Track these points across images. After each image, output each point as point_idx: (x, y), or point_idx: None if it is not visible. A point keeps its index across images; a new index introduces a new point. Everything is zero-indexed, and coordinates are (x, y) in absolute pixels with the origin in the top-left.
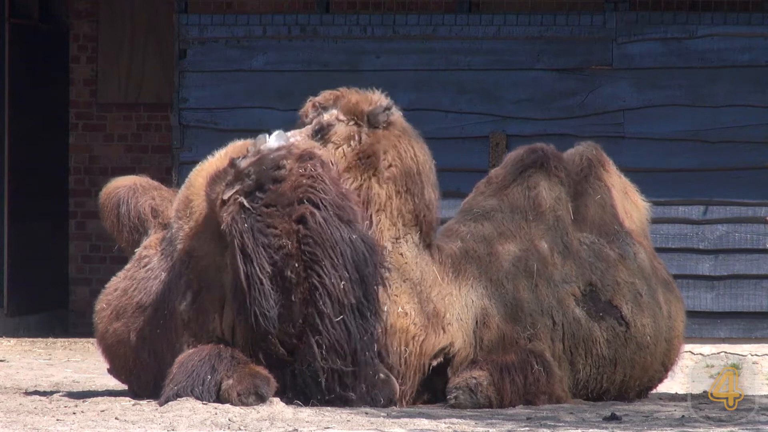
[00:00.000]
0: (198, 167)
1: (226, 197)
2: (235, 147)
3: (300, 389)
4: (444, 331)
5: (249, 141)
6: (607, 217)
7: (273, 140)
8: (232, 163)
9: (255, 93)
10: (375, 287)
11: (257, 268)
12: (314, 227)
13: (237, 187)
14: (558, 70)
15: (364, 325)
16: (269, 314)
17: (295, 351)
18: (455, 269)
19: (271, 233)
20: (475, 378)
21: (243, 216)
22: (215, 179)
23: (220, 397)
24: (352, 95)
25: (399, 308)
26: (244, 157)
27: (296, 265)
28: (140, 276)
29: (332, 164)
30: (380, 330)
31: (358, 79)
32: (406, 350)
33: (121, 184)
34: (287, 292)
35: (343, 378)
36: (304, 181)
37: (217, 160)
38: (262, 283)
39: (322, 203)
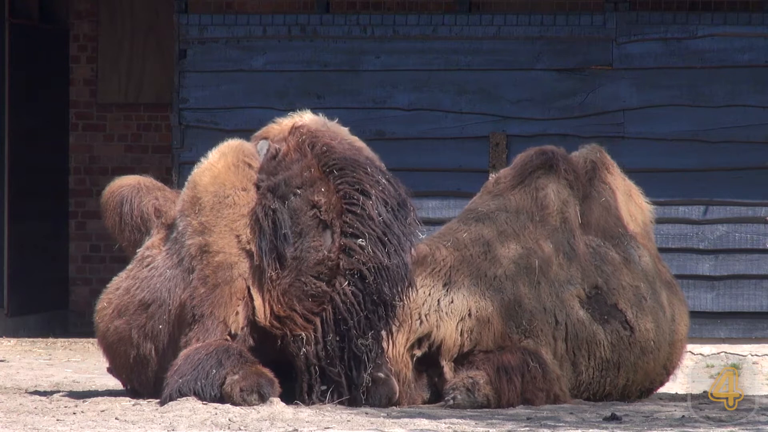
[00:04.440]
0: (200, 168)
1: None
2: (230, 145)
3: (341, 320)
4: (421, 321)
5: (241, 140)
6: (612, 219)
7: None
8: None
9: (255, 93)
10: (408, 200)
11: (270, 203)
12: (338, 153)
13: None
14: (558, 70)
15: (404, 216)
16: (284, 229)
17: (335, 273)
18: (439, 268)
19: (289, 176)
20: (471, 378)
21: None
22: None
23: (222, 391)
24: None
25: None
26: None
27: (324, 189)
28: (143, 275)
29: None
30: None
31: (358, 79)
32: None
33: (124, 183)
34: (315, 220)
35: (389, 273)
36: (304, 138)
37: (221, 160)
38: (274, 212)
39: (334, 140)
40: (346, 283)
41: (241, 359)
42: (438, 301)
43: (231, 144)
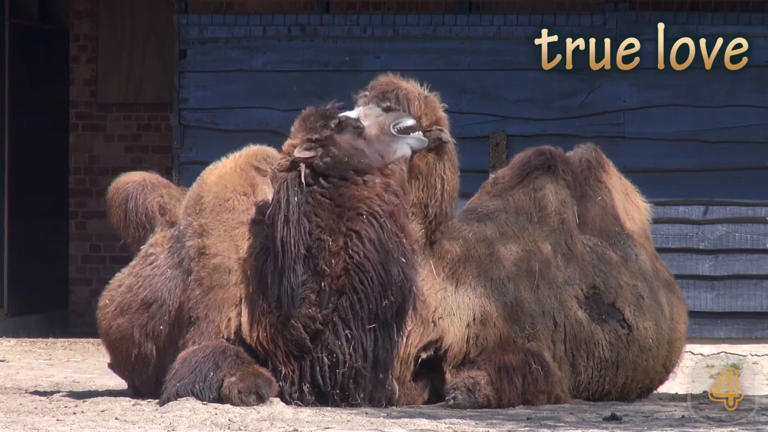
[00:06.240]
0: (211, 166)
1: (299, 155)
2: (249, 149)
3: (316, 380)
4: (434, 325)
5: (267, 148)
6: (608, 218)
7: (409, 145)
8: (340, 123)
9: (255, 93)
10: (407, 313)
11: (293, 240)
12: (367, 243)
13: (314, 153)
14: (558, 70)
15: (390, 342)
16: (293, 288)
17: (319, 336)
18: (453, 267)
19: (315, 222)
20: (472, 378)
21: (297, 189)
22: (310, 120)
23: (220, 393)
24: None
25: None
26: (349, 127)
27: (333, 262)
28: (146, 273)
29: (407, 194)
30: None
31: (358, 79)
32: None
33: (130, 180)
34: (318, 278)
35: (359, 377)
36: (375, 199)
37: (231, 161)
38: (295, 256)
39: (381, 227)
40: (325, 354)
41: (238, 360)
42: (450, 304)
43: (251, 148)
